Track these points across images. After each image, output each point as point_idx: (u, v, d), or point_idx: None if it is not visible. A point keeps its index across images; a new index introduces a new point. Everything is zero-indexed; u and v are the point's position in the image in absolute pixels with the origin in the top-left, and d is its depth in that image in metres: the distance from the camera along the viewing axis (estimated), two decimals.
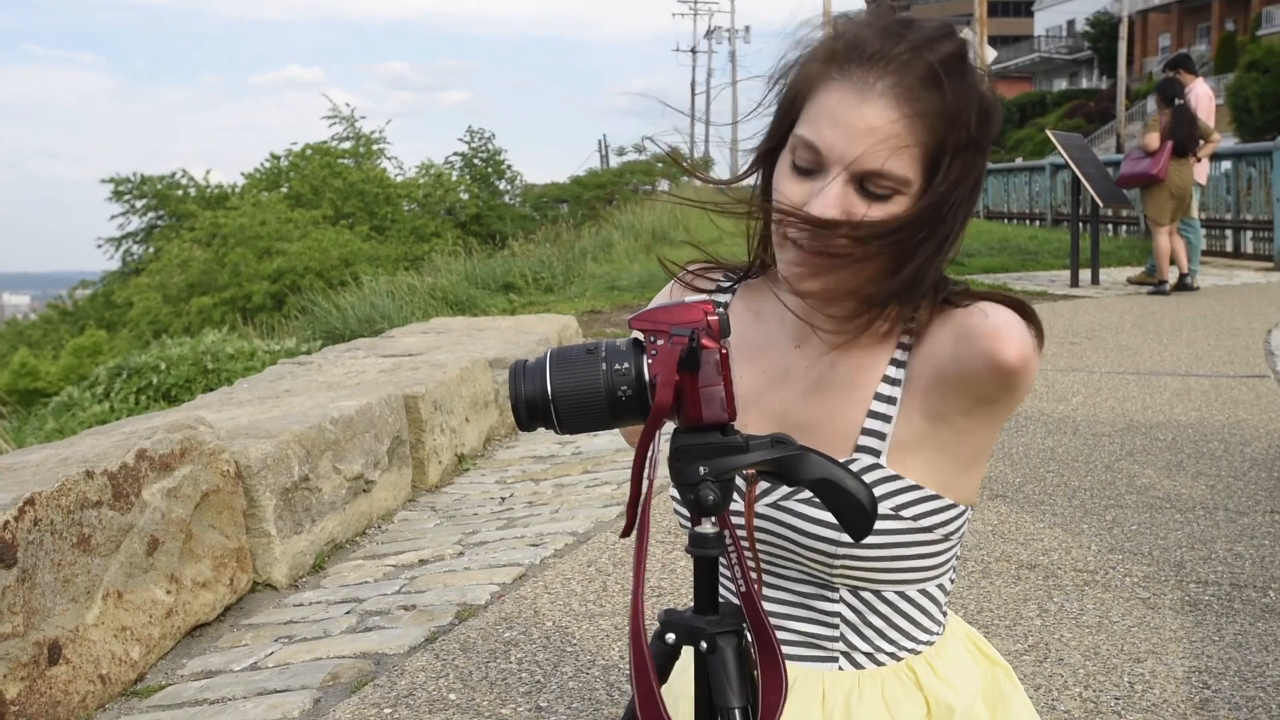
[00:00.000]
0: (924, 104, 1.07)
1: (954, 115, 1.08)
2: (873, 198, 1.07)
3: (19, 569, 2.12)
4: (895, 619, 1.20)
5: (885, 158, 1.06)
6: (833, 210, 1.07)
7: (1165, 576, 2.87)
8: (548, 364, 1.02)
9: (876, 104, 1.06)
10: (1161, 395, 5.16)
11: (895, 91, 1.07)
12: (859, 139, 1.06)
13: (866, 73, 1.07)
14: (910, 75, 1.07)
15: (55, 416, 6.96)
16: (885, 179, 1.07)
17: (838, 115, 1.07)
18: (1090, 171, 10.37)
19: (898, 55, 1.08)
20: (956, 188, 1.10)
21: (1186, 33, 46.51)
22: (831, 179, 1.07)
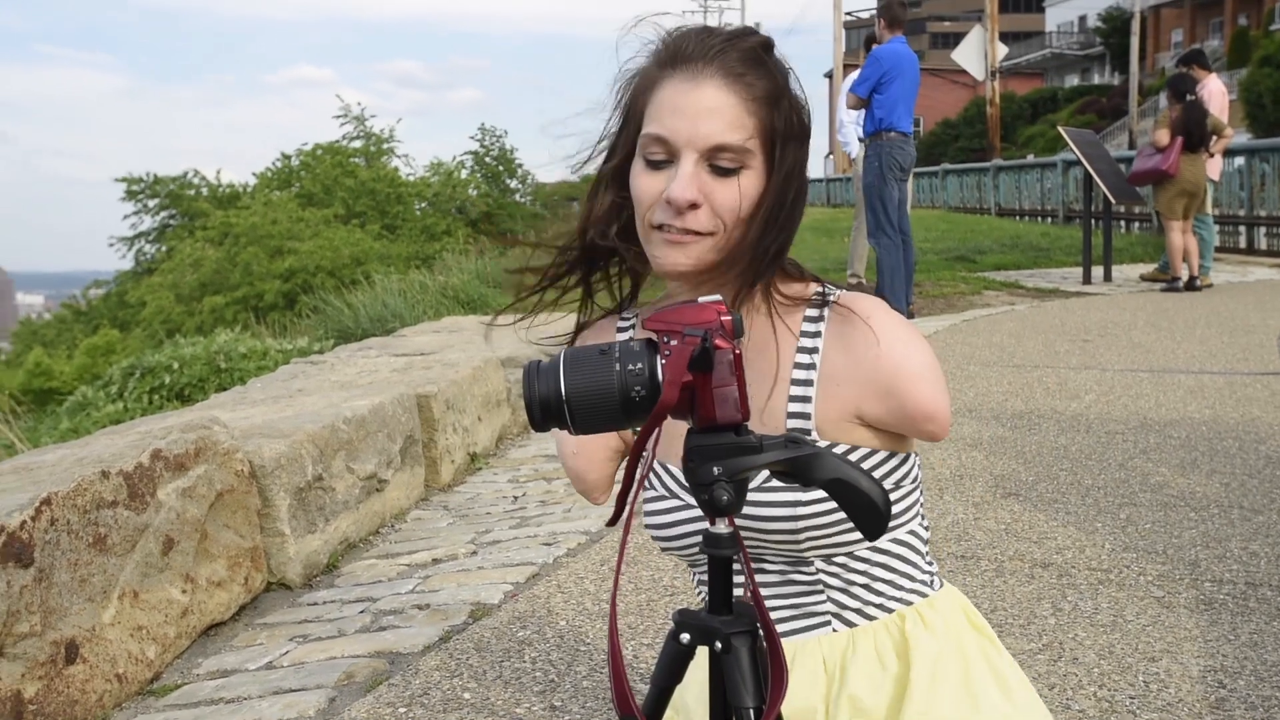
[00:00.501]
0: (750, 79, 1.20)
1: (781, 90, 1.21)
2: (722, 173, 1.19)
3: (36, 568, 2.13)
4: (876, 572, 1.27)
5: (727, 131, 1.17)
6: (691, 188, 1.17)
7: (1180, 575, 2.86)
8: (562, 365, 1.03)
9: (709, 86, 1.18)
10: (1175, 393, 5.14)
11: (724, 73, 1.19)
12: (701, 118, 1.18)
13: (693, 64, 1.20)
14: (732, 58, 1.20)
15: (70, 416, 7.00)
16: (730, 151, 1.18)
17: (678, 104, 1.19)
18: (1102, 168, 10.34)
19: (717, 45, 1.20)
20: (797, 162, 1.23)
21: (1199, 28, 46.29)
22: (684, 160, 1.18)
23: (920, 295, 9.06)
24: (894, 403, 1.20)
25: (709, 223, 1.19)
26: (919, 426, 1.21)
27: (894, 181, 7.76)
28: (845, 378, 1.22)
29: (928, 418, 1.20)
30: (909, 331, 1.23)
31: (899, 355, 1.20)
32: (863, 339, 1.21)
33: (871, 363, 1.20)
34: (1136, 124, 23.59)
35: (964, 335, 7.21)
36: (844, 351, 1.22)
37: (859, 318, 1.22)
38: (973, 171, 22.34)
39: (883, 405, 1.20)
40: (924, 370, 1.21)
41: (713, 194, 1.18)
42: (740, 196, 1.19)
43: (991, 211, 20.49)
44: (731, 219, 1.19)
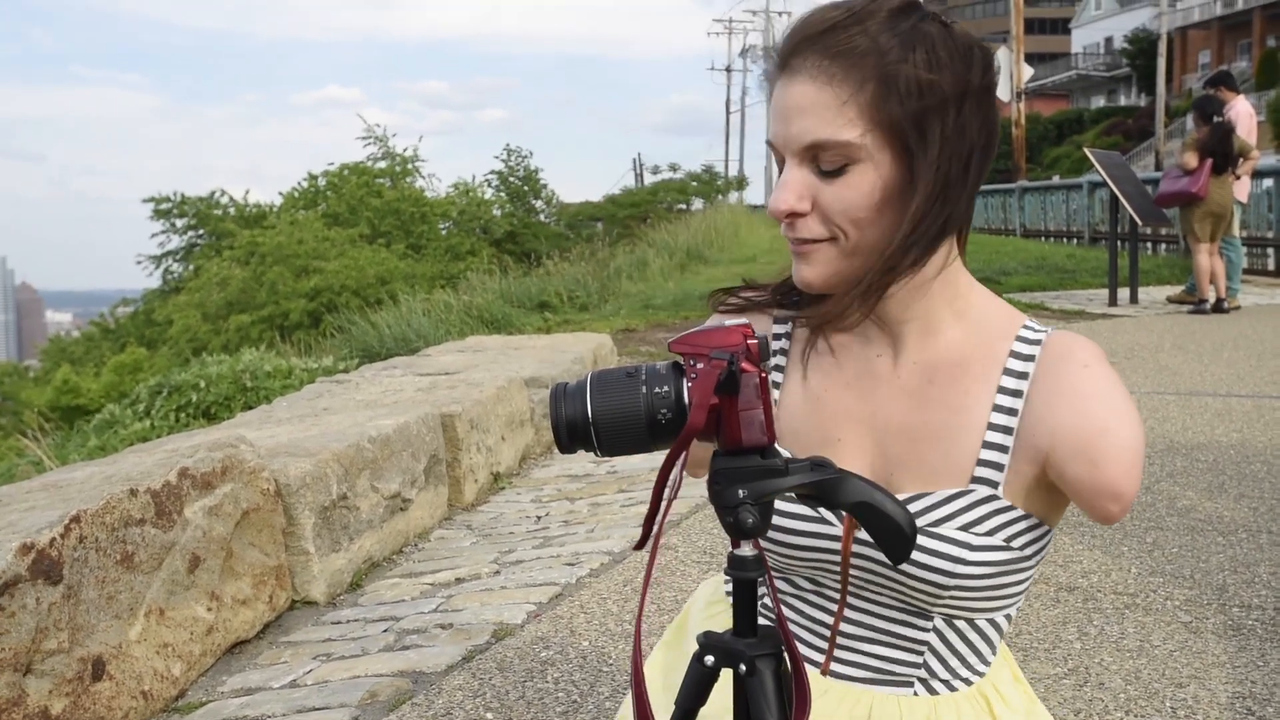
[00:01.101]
0: (849, 61, 1.06)
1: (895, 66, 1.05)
2: (830, 174, 1.07)
3: (64, 585, 2.15)
4: (977, 645, 1.19)
5: (819, 127, 1.06)
6: (788, 194, 1.08)
7: (1207, 600, 2.83)
8: (588, 387, 1.03)
9: (800, 79, 1.07)
10: (1202, 416, 5.10)
11: (816, 61, 1.07)
12: (792, 118, 1.08)
13: (793, 57, 1.09)
14: (832, 39, 1.07)
15: (97, 434, 7.05)
16: (827, 149, 1.06)
17: (775, 107, 1.10)
18: (1129, 190, 10.29)
19: (819, 24, 1.08)
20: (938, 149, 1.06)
21: (1227, 49, 46.09)
22: (787, 166, 1.09)
23: None
24: (1088, 470, 1.06)
25: (821, 229, 1.09)
26: (1097, 501, 1.07)
27: None
28: (1045, 423, 1.09)
29: (1115, 497, 1.06)
30: (1125, 397, 1.09)
31: (1110, 418, 1.07)
32: (1074, 387, 1.08)
33: (1077, 418, 1.07)
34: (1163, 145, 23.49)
35: None
36: (1050, 400, 1.09)
37: (1076, 363, 1.09)
38: (998, 193, 22.29)
39: (1073, 468, 1.07)
40: (1130, 444, 1.06)
41: (820, 196, 1.08)
42: (853, 194, 1.07)
43: (1016, 233, 20.42)
44: (846, 221, 1.08)
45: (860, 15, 1.07)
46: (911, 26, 1.07)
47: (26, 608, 2.04)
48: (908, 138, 1.06)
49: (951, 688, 1.19)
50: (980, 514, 1.11)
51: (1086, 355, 1.10)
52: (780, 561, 1.21)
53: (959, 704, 1.18)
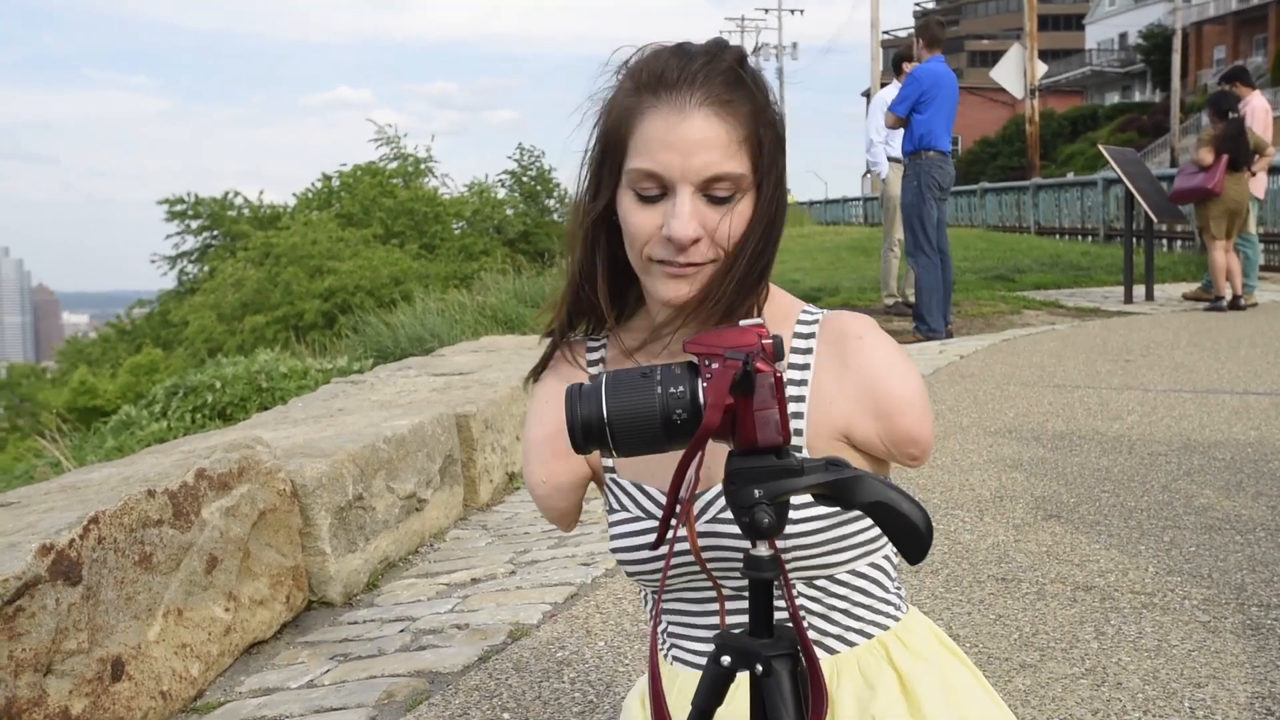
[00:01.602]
0: (736, 103, 1.18)
1: (763, 107, 1.20)
2: (719, 202, 1.17)
3: (84, 586, 2.17)
4: (854, 596, 1.27)
5: (721, 161, 1.16)
6: (691, 224, 1.16)
7: (1226, 599, 2.82)
8: (603, 387, 1.03)
9: (697, 116, 1.16)
10: (1219, 413, 5.08)
11: (709, 100, 1.17)
12: (693, 151, 1.16)
13: (676, 93, 1.17)
14: (716, 84, 1.17)
15: (114, 435, 7.09)
16: (725, 180, 1.17)
17: (667, 137, 1.16)
18: (1144, 186, 10.25)
19: (698, 70, 1.18)
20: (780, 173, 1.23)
21: (1242, 44, 45.83)
22: (680, 196, 1.16)
23: (959, 315, 9.01)
24: (885, 425, 1.22)
25: (710, 252, 1.18)
26: (904, 450, 1.23)
27: (933, 201, 7.75)
28: (837, 396, 1.22)
29: (913, 442, 1.22)
30: (901, 355, 1.25)
31: (893, 378, 1.22)
32: (856, 359, 1.22)
33: (865, 383, 1.22)
34: (1178, 141, 23.38)
35: (1003, 355, 7.16)
36: (836, 371, 1.23)
37: (851, 336, 1.23)
38: (1012, 190, 22.21)
39: (873, 426, 1.22)
40: (915, 395, 1.23)
41: (709, 224, 1.17)
42: (739, 221, 1.19)
43: (1031, 230, 20.35)
44: (730, 244, 1.19)
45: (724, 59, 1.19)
46: (755, 71, 1.22)
47: (46, 608, 2.06)
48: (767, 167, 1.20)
49: (848, 643, 1.27)
50: None
51: (859, 328, 1.25)
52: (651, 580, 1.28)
53: (859, 656, 1.27)
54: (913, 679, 1.26)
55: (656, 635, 1.01)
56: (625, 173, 1.20)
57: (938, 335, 7.85)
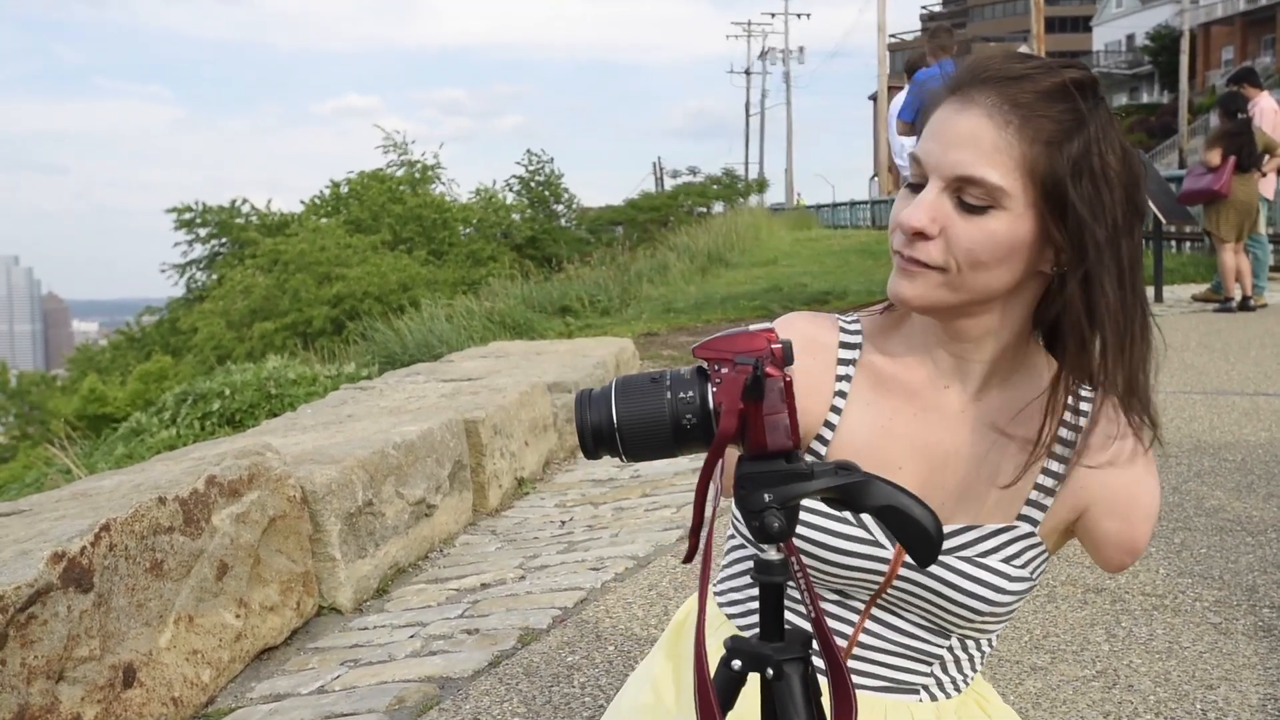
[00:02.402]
0: (1028, 115, 1.07)
1: (1069, 133, 1.07)
2: (969, 209, 1.08)
3: (95, 593, 2.17)
4: (975, 656, 1.28)
5: (979, 163, 1.07)
6: (922, 215, 1.09)
7: (1237, 601, 2.81)
8: (613, 393, 1.03)
9: (975, 112, 1.08)
10: (1230, 415, 5.06)
11: (996, 101, 1.08)
12: (954, 145, 1.08)
13: (973, 88, 1.10)
14: (1017, 88, 1.08)
15: (124, 442, 7.10)
16: (978, 185, 1.07)
17: (939, 127, 1.11)
18: (1152, 188, 10.23)
19: (1011, 71, 1.09)
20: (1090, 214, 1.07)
21: (1250, 45, 45.72)
22: (929, 187, 1.10)
23: None
24: (1120, 526, 1.18)
25: (939, 256, 1.10)
26: (1120, 558, 1.20)
27: None
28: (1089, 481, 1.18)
29: (1133, 553, 1.19)
30: (1154, 468, 1.20)
31: (1149, 485, 1.18)
32: (1124, 449, 1.17)
33: (1123, 483, 1.17)
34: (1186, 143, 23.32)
35: None
36: (1104, 451, 1.17)
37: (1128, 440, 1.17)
38: None
39: (1111, 524, 1.18)
40: (1157, 509, 1.20)
41: (952, 227, 1.09)
42: (984, 237, 1.08)
43: None
44: (966, 259, 1.09)
45: (1054, 74, 1.09)
46: (1091, 107, 1.09)
47: (58, 616, 2.06)
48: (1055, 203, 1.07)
49: (948, 694, 1.27)
50: (1019, 548, 1.19)
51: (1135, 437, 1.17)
52: (815, 576, 1.23)
53: (957, 707, 1.27)
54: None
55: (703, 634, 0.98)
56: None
57: None
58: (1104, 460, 1.16)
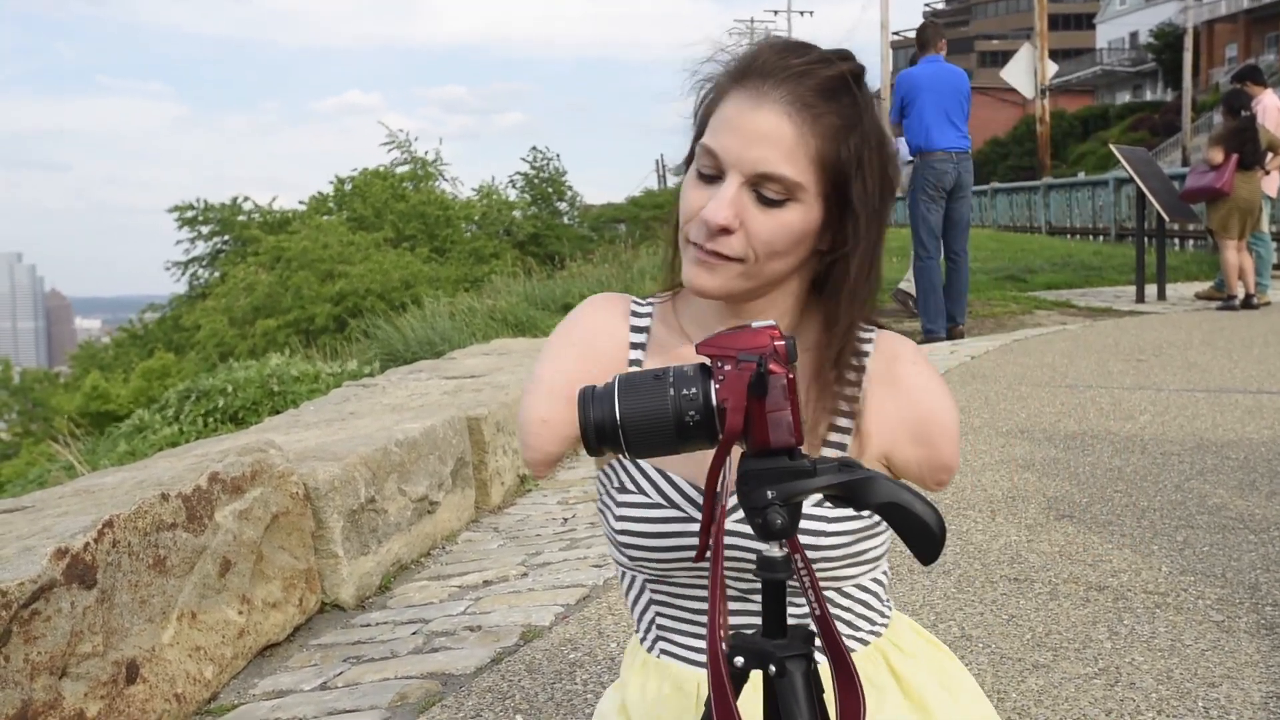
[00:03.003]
0: (818, 112, 1.14)
1: (850, 127, 1.15)
2: (767, 203, 1.15)
3: (98, 590, 2.18)
4: (857, 609, 1.30)
5: (780, 161, 1.13)
6: (726, 211, 1.14)
7: (1240, 599, 2.81)
8: (616, 389, 1.03)
9: (771, 109, 1.13)
10: (1233, 413, 5.06)
11: (789, 99, 1.13)
12: (754, 143, 1.13)
13: (763, 82, 1.14)
14: (805, 85, 1.14)
15: (127, 439, 7.11)
16: (777, 182, 1.13)
17: (734, 121, 1.15)
18: (1155, 186, 10.22)
19: (794, 67, 1.15)
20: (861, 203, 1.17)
21: (1254, 42, 45.65)
22: (728, 182, 1.15)
23: (970, 315, 8.99)
24: (926, 452, 1.25)
25: (740, 248, 1.16)
26: (935, 476, 1.26)
27: (926, 201, 7.72)
28: (884, 419, 1.24)
29: (947, 469, 1.26)
30: (943, 384, 1.28)
31: (940, 408, 1.25)
32: (906, 385, 1.25)
33: (914, 410, 1.24)
34: (1190, 140, 23.30)
35: (1015, 355, 7.15)
36: (886, 395, 1.25)
37: (905, 360, 1.26)
38: (1023, 190, 22.17)
39: (914, 451, 1.25)
40: (956, 426, 1.26)
41: (751, 221, 1.15)
42: (781, 229, 1.15)
43: (1042, 230, 20.30)
44: (765, 250, 1.16)
45: (832, 67, 1.16)
46: (868, 103, 1.18)
47: (61, 611, 2.07)
48: (839, 191, 1.16)
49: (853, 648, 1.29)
50: None
51: (909, 352, 1.27)
52: (655, 568, 1.27)
53: (860, 663, 1.26)
54: (913, 680, 1.30)
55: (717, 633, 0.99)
56: (696, 147, 1.20)
57: (936, 336, 7.83)
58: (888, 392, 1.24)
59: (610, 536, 1.30)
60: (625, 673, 1.38)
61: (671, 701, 1.28)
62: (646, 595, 1.32)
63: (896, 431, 1.24)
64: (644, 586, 1.32)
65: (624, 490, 1.28)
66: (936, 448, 1.24)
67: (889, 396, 1.24)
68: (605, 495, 1.31)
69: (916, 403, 1.24)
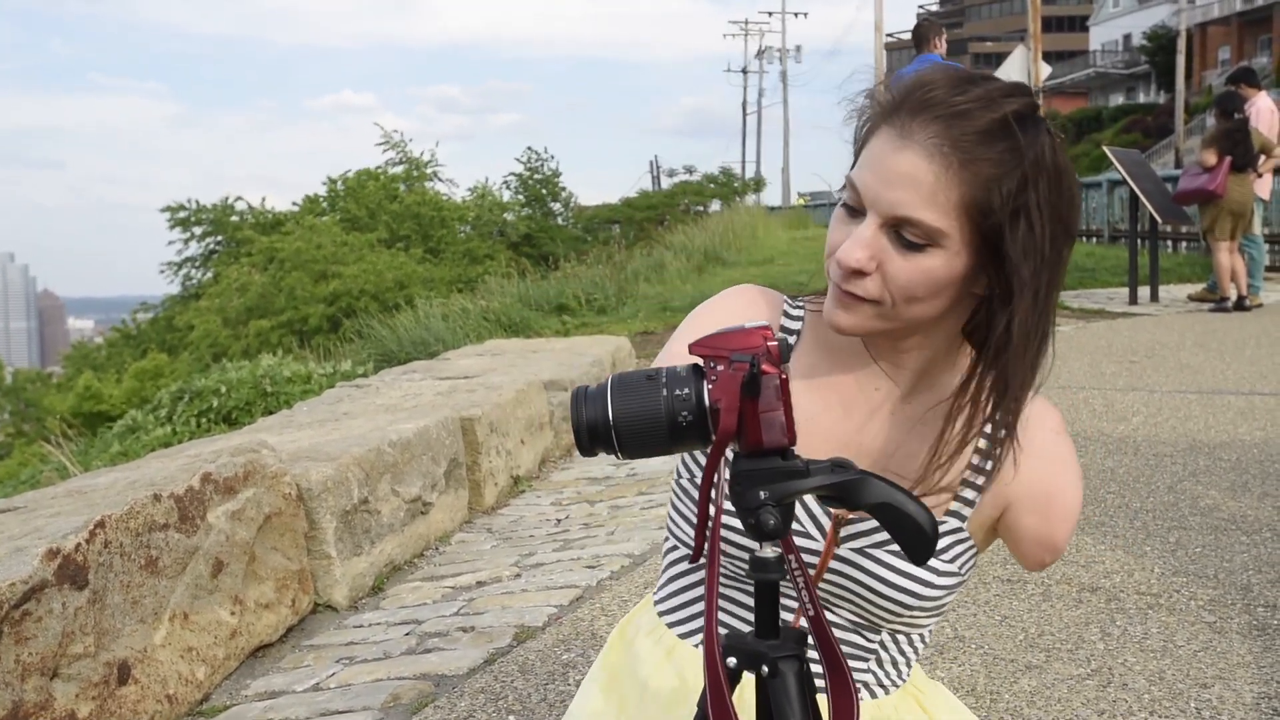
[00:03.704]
0: (968, 157, 1.06)
1: (1006, 173, 1.06)
2: (908, 246, 1.08)
3: (90, 590, 2.17)
4: (908, 653, 1.29)
5: (916, 205, 1.06)
6: (861, 252, 1.09)
7: (1232, 600, 2.82)
8: (609, 390, 1.03)
9: (915, 150, 1.07)
10: (1225, 414, 5.07)
11: (937, 140, 1.06)
12: (893, 184, 1.07)
13: (913, 119, 1.08)
14: (958, 126, 1.07)
15: (120, 440, 7.10)
16: (916, 227, 1.07)
17: (878, 159, 1.09)
18: (1148, 188, 10.24)
19: (950, 105, 1.07)
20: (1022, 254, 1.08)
21: (1247, 45, 45.76)
22: (866, 222, 1.10)
23: None
24: (1039, 523, 1.21)
25: (876, 291, 1.11)
26: (1039, 554, 1.23)
27: None
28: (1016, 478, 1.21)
29: (1054, 550, 1.22)
30: (1078, 467, 1.24)
31: (1068, 486, 1.21)
32: (1044, 454, 1.20)
33: (1041, 480, 1.20)
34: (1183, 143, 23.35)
35: None
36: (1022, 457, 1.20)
37: (1047, 429, 1.21)
38: None
39: (1029, 520, 1.21)
40: (1077, 509, 1.22)
41: (888, 264, 1.09)
42: (920, 275, 1.09)
43: None
44: (902, 296, 1.10)
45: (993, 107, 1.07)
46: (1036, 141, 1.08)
47: (53, 612, 2.06)
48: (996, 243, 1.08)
49: (886, 690, 1.28)
50: (948, 543, 1.20)
51: (1056, 423, 1.22)
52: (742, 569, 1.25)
53: (897, 704, 1.28)
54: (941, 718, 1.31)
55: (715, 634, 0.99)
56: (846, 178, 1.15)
57: None
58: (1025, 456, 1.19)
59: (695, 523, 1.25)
60: (628, 642, 1.38)
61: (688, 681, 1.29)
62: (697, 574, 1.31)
63: (1019, 494, 1.21)
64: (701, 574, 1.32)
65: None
66: (1052, 525, 1.21)
67: (1024, 458, 1.19)
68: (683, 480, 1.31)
69: (1049, 474, 1.20)
